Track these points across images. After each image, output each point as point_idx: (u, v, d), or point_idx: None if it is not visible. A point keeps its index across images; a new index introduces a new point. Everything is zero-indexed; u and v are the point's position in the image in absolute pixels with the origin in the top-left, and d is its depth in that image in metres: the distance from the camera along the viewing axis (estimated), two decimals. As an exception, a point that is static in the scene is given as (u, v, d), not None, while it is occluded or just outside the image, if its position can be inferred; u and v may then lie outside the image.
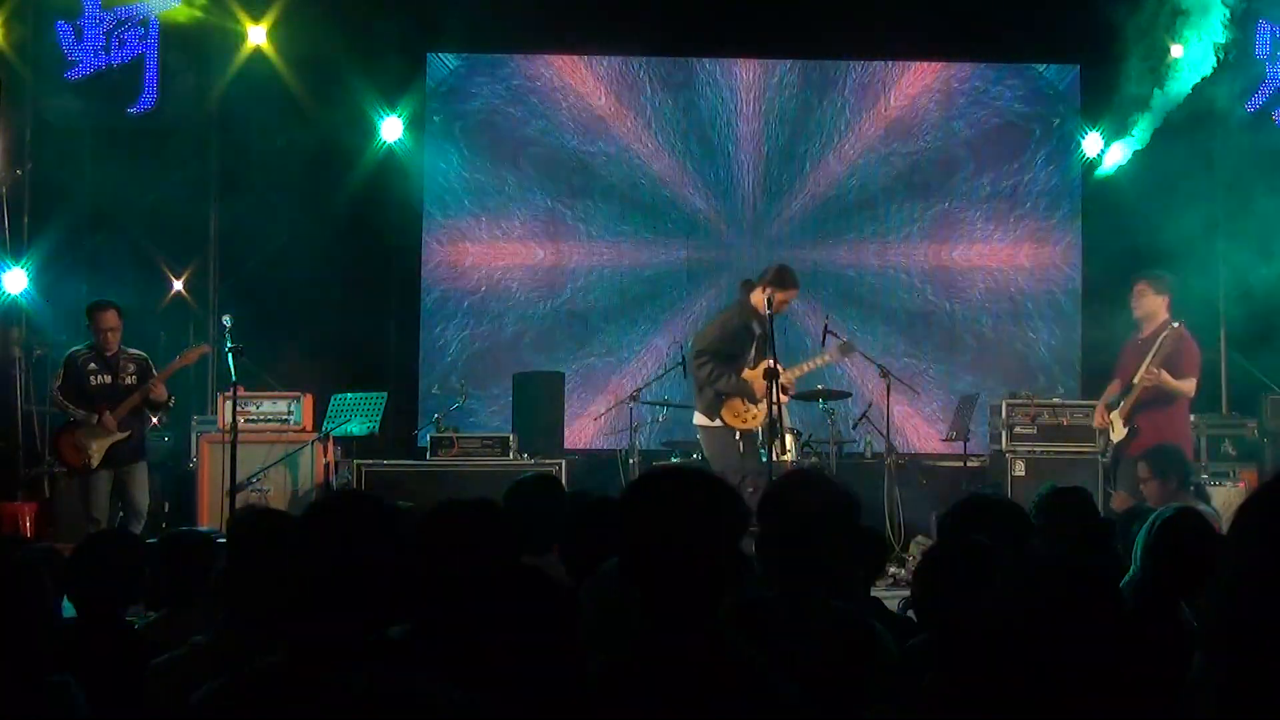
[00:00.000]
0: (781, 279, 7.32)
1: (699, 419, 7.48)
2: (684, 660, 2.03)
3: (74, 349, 8.04)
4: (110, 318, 7.94)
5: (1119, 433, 7.27)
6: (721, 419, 7.34)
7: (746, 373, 7.33)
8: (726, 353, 7.29)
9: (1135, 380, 7.19)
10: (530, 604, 2.75)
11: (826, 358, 7.89)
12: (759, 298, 7.31)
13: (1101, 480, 8.69)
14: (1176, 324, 7.18)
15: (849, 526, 2.81)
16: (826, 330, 8.44)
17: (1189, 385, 7.21)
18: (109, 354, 7.93)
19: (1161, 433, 7.07)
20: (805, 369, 7.79)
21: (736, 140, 10.70)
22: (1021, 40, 10.24)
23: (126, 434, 7.90)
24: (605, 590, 2.78)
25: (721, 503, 2.12)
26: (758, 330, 7.38)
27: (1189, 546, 3.21)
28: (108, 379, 7.91)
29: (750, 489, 7.18)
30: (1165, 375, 7.10)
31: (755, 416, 7.34)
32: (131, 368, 8.01)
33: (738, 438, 7.36)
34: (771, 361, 7.35)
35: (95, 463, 7.79)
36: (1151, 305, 7.30)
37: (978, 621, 2.26)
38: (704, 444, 7.65)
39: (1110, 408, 7.43)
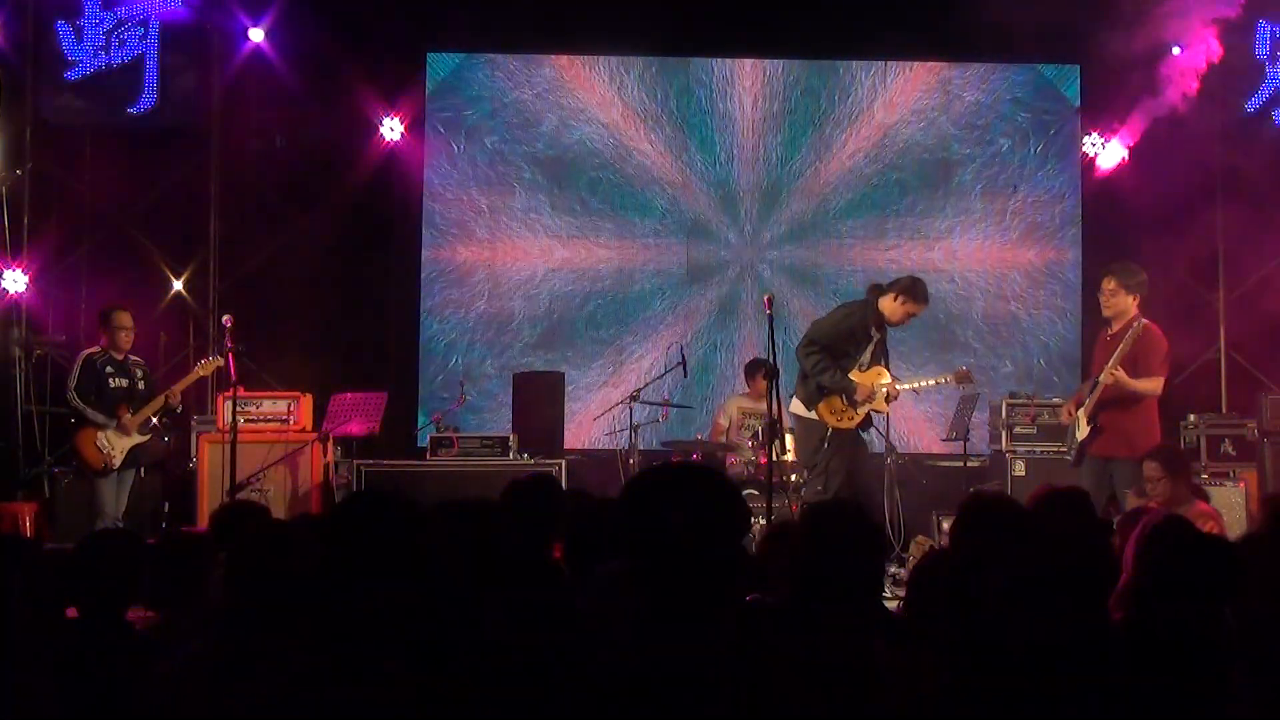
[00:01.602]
0: (914, 292, 7.33)
1: (796, 406, 7.41)
2: (686, 660, 2.03)
3: (88, 352, 8.03)
4: (128, 317, 8.06)
5: (1084, 430, 7.14)
6: (818, 412, 7.27)
7: (855, 374, 7.28)
8: (839, 349, 7.24)
9: (1100, 378, 7.06)
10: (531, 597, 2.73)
11: (943, 380, 7.87)
12: (889, 305, 7.32)
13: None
14: (1143, 321, 6.99)
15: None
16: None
17: (1154, 384, 6.97)
18: (120, 358, 7.98)
19: (1127, 432, 6.92)
20: (918, 386, 7.81)
21: (736, 140, 10.69)
22: (1021, 40, 10.23)
23: (147, 437, 8.00)
24: (602, 593, 2.78)
25: (723, 499, 2.11)
26: (875, 335, 7.37)
27: (1179, 555, 3.19)
28: (124, 383, 7.99)
29: (819, 487, 7.20)
30: (1123, 375, 6.88)
31: (853, 419, 7.29)
32: (139, 372, 8.13)
33: (828, 433, 7.30)
34: (885, 369, 7.38)
35: (117, 464, 7.84)
36: (1122, 304, 7.09)
37: (969, 629, 2.26)
38: (796, 432, 7.67)
39: (1079, 404, 7.28)
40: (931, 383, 7.89)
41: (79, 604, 3.48)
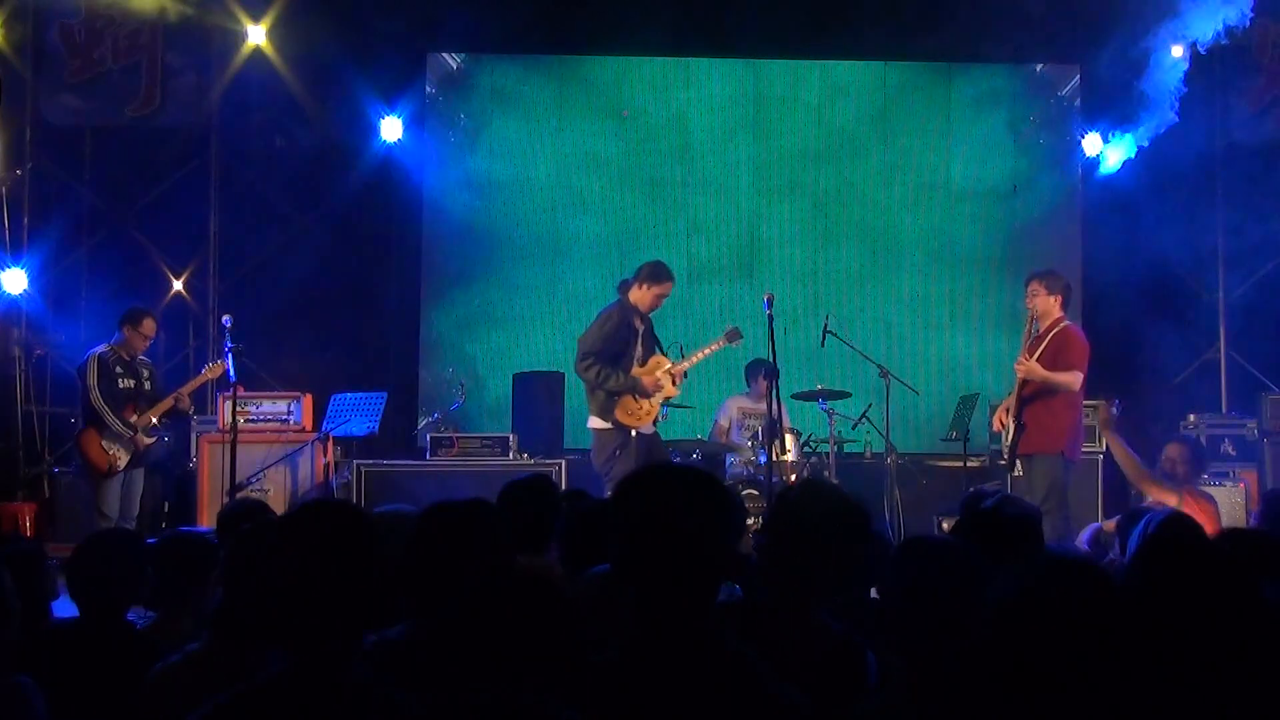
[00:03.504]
0: (656, 274, 7.47)
1: (592, 422, 7.46)
2: (678, 660, 2.03)
3: (99, 351, 7.93)
4: (155, 326, 8.04)
5: (1013, 433, 7.16)
6: (615, 419, 7.32)
7: (636, 370, 7.39)
8: (611, 353, 7.33)
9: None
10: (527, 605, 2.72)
11: (715, 346, 7.76)
12: (639, 295, 7.45)
13: (1101, 480, 8.68)
14: (1066, 323, 7.08)
15: (858, 540, 2.77)
16: (825, 329, 8.45)
17: (1070, 378, 6.94)
18: (128, 358, 7.95)
19: (1044, 426, 6.94)
20: (697, 357, 7.74)
21: (736, 140, 10.69)
22: (1021, 40, 10.24)
23: (153, 440, 7.99)
24: (595, 592, 2.77)
25: (715, 502, 2.11)
26: (640, 327, 7.47)
27: (1185, 548, 3.19)
28: (131, 383, 7.95)
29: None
30: (1034, 364, 6.91)
31: (649, 413, 7.39)
32: (146, 373, 8.09)
33: (633, 436, 7.32)
34: (662, 356, 7.45)
35: (122, 466, 7.81)
36: (1045, 304, 7.14)
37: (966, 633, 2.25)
38: (593, 447, 7.55)
39: (1008, 410, 7.26)
40: (707, 351, 7.75)
41: (79, 604, 3.48)
